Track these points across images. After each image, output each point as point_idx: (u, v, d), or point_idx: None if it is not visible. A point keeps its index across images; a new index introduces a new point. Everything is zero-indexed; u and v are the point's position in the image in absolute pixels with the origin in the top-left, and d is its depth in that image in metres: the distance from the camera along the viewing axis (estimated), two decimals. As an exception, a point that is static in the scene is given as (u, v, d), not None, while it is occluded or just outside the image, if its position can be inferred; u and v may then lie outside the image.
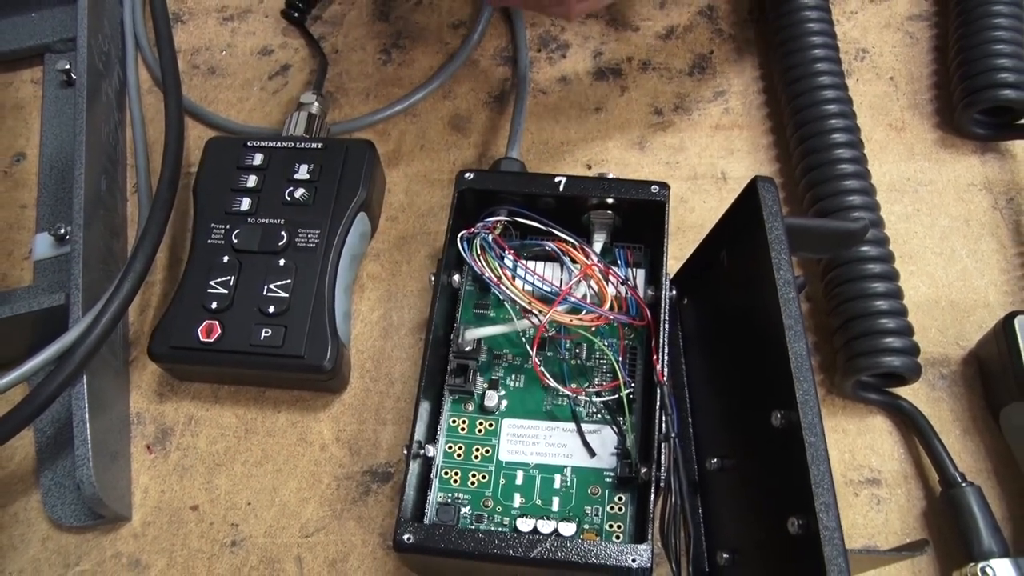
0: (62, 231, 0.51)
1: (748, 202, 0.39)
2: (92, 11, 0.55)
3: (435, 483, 0.41)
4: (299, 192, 0.49)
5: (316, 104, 0.54)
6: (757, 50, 0.57)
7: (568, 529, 0.39)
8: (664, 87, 0.57)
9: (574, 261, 0.44)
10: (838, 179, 0.47)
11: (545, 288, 0.44)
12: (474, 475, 0.42)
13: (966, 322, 0.47)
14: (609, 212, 0.45)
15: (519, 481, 0.41)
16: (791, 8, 0.53)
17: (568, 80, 0.57)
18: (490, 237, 0.44)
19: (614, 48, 0.58)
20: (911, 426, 0.44)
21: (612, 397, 0.43)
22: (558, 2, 0.44)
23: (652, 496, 0.38)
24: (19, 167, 0.56)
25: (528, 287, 0.44)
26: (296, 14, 0.61)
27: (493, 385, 0.44)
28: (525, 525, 0.40)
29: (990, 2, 0.51)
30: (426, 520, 0.40)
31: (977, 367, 0.46)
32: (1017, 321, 0.43)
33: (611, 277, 0.44)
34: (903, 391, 0.45)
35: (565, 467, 0.42)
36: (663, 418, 0.39)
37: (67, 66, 0.57)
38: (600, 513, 0.40)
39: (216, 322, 0.45)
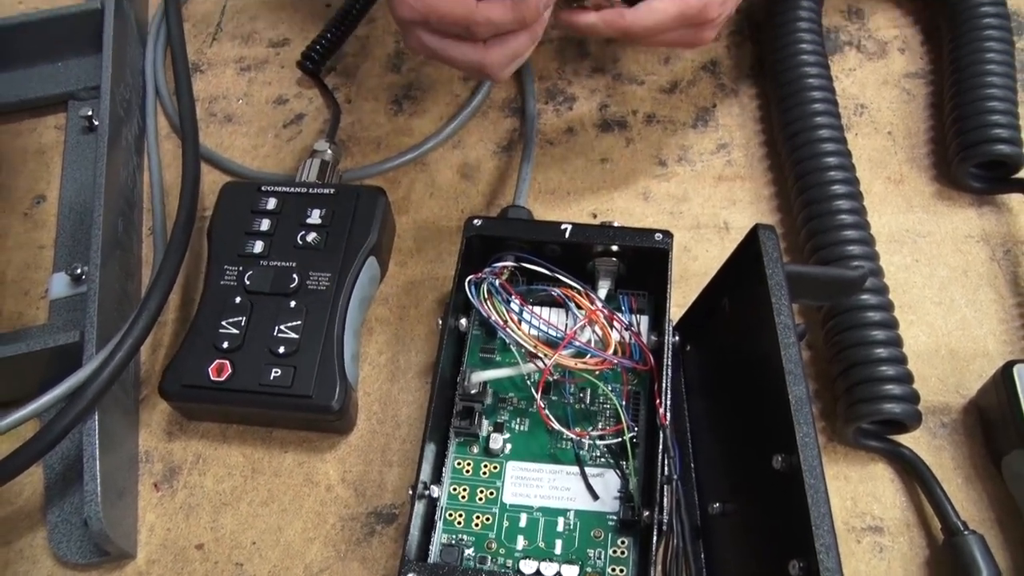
0: (78, 271, 0.52)
1: (749, 249, 0.39)
2: (115, 61, 0.57)
3: (439, 524, 0.42)
4: (311, 236, 0.50)
5: (329, 152, 0.56)
6: (759, 104, 0.59)
7: (571, 572, 0.40)
8: (668, 139, 0.58)
9: (579, 307, 0.45)
10: (838, 229, 0.48)
11: (550, 332, 0.45)
12: (478, 517, 0.42)
13: (966, 371, 0.48)
14: (614, 259, 0.46)
15: (523, 523, 0.42)
16: (791, 64, 0.55)
17: (575, 131, 0.59)
18: (497, 282, 0.45)
19: (619, 101, 0.60)
20: (913, 474, 0.45)
21: (615, 441, 0.43)
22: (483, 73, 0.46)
23: (654, 540, 0.38)
24: (39, 209, 0.58)
25: (534, 331, 0.45)
26: (311, 65, 0.63)
27: (498, 428, 0.44)
28: (528, 567, 0.40)
29: (983, 61, 0.53)
30: (430, 561, 0.41)
31: (978, 416, 0.46)
32: (1016, 370, 0.43)
33: (615, 323, 0.44)
34: (904, 439, 0.45)
35: (568, 510, 0.42)
36: (665, 461, 0.39)
37: (89, 112, 0.59)
38: (603, 556, 0.41)
39: (227, 361, 0.46)
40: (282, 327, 0.47)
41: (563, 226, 0.46)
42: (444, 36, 0.44)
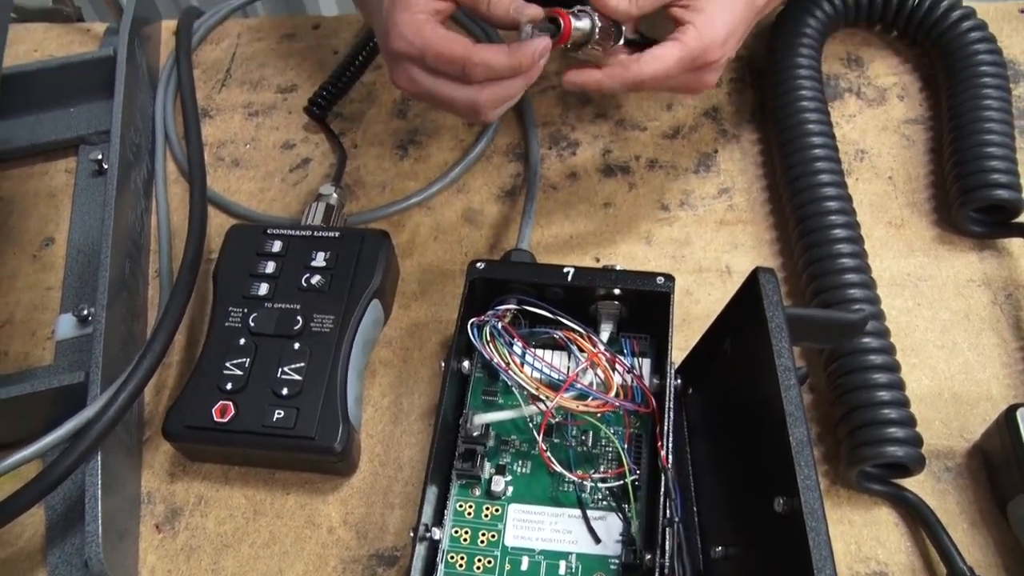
0: (85, 312, 0.52)
1: (750, 292, 0.40)
2: (126, 106, 0.58)
3: (441, 567, 0.41)
4: (315, 279, 0.50)
5: (334, 195, 0.56)
6: (760, 149, 0.60)
7: (573, 616, 0.39)
8: (670, 184, 0.59)
9: (581, 350, 0.45)
10: (839, 272, 0.48)
11: (553, 375, 0.45)
12: (480, 560, 0.42)
13: (970, 415, 0.48)
14: (616, 303, 0.47)
15: (524, 566, 0.41)
16: (792, 110, 0.56)
17: (578, 176, 0.60)
18: (500, 325, 0.45)
19: (622, 146, 0.61)
20: (917, 518, 0.44)
21: (617, 484, 0.43)
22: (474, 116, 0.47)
23: (657, 583, 0.38)
24: (47, 251, 0.58)
25: (536, 374, 0.45)
26: (318, 111, 0.64)
27: (500, 470, 0.44)
28: (530, 612, 0.40)
29: (982, 108, 0.53)
30: (431, 604, 0.40)
31: (982, 460, 0.46)
32: (1020, 413, 0.43)
33: (617, 366, 0.44)
34: (908, 483, 0.45)
35: (570, 553, 0.42)
36: (667, 504, 0.39)
37: (99, 156, 0.60)
38: (605, 601, 0.40)
39: (230, 403, 0.46)
40: (286, 369, 0.47)
41: (565, 269, 0.46)
42: (436, 75, 0.45)
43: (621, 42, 0.47)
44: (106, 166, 0.57)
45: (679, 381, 0.45)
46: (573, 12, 0.45)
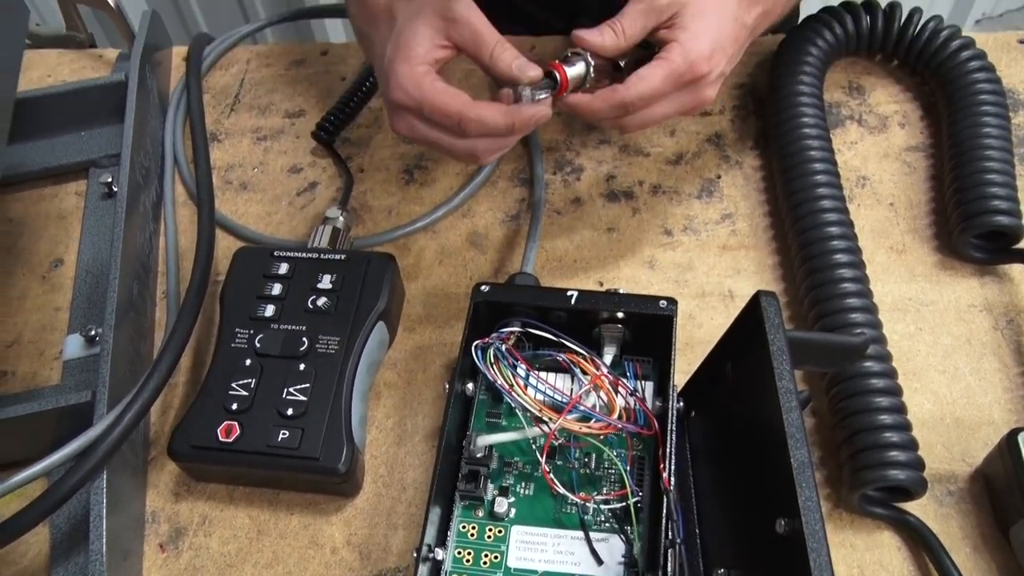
0: (93, 332, 0.53)
1: (752, 315, 0.40)
2: (136, 130, 0.59)
3: (443, 588, 0.42)
4: (321, 300, 0.51)
5: (341, 219, 0.57)
6: (762, 175, 0.60)
7: (575, 638, 0.39)
8: (674, 209, 0.59)
9: (584, 372, 0.46)
10: (841, 297, 0.49)
11: (556, 397, 0.45)
12: (482, 581, 0.42)
13: (971, 439, 0.48)
14: (619, 326, 0.47)
15: (527, 588, 0.42)
16: (794, 137, 0.56)
17: (582, 201, 0.60)
18: (504, 347, 0.46)
19: (626, 172, 0.61)
20: (920, 542, 0.44)
21: (620, 505, 0.43)
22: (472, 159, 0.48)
23: (659, 605, 0.38)
24: (57, 272, 0.59)
25: (540, 396, 0.45)
26: (326, 135, 0.65)
27: (503, 492, 0.45)
28: (532, 633, 0.40)
29: (982, 135, 0.54)
30: (433, 626, 0.40)
31: (984, 484, 0.46)
32: (1021, 438, 0.43)
33: (620, 388, 0.45)
34: (911, 506, 0.45)
35: (573, 575, 0.42)
36: (669, 525, 0.39)
37: (109, 179, 0.61)
38: (607, 623, 0.40)
39: (235, 423, 0.46)
40: (291, 389, 0.47)
41: (569, 293, 0.47)
42: (433, 125, 0.46)
43: (623, 73, 0.47)
44: (116, 189, 0.58)
45: (681, 404, 0.45)
46: (567, 58, 0.47)
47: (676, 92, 0.47)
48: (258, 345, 0.49)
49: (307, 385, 0.48)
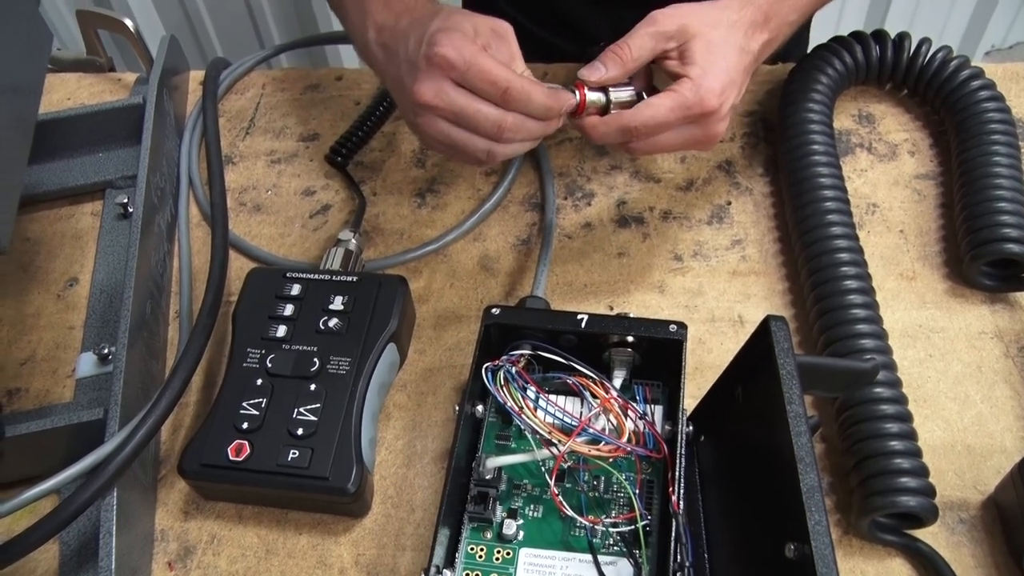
0: (106, 351, 0.53)
1: (761, 340, 0.40)
2: (153, 152, 0.60)
3: (451, 610, 0.41)
4: (333, 322, 0.51)
5: (353, 241, 0.57)
6: (772, 202, 0.61)
7: (583, 663, 0.39)
8: (684, 235, 0.60)
9: (594, 395, 0.46)
10: (850, 323, 0.49)
11: (566, 420, 0.45)
12: (490, 604, 0.42)
13: (983, 467, 0.48)
14: (629, 350, 0.47)
15: (534, 612, 0.41)
16: (804, 164, 0.57)
17: (593, 226, 0.61)
18: (514, 370, 0.46)
19: (637, 197, 0.62)
20: (931, 570, 0.44)
21: (628, 528, 0.43)
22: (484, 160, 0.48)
23: (667, 630, 0.37)
24: (71, 291, 0.60)
25: (549, 418, 0.45)
26: (339, 159, 0.65)
27: (512, 514, 0.45)
28: (539, 657, 0.39)
29: (991, 164, 0.54)
30: (440, 648, 0.40)
31: (997, 512, 0.46)
32: (1032, 466, 0.43)
33: (630, 412, 0.45)
34: (922, 534, 0.44)
35: (581, 599, 0.42)
36: (678, 549, 0.39)
37: (125, 200, 0.62)
38: (615, 648, 0.40)
39: (246, 442, 0.47)
40: (301, 409, 0.48)
41: (579, 316, 0.47)
42: (467, 93, 0.46)
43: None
44: (131, 209, 0.58)
45: (691, 428, 0.45)
46: (586, 83, 0.49)
47: (685, 125, 0.48)
48: (269, 365, 0.50)
49: (318, 405, 0.48)
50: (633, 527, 0.43)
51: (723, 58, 0.48)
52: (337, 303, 0.52)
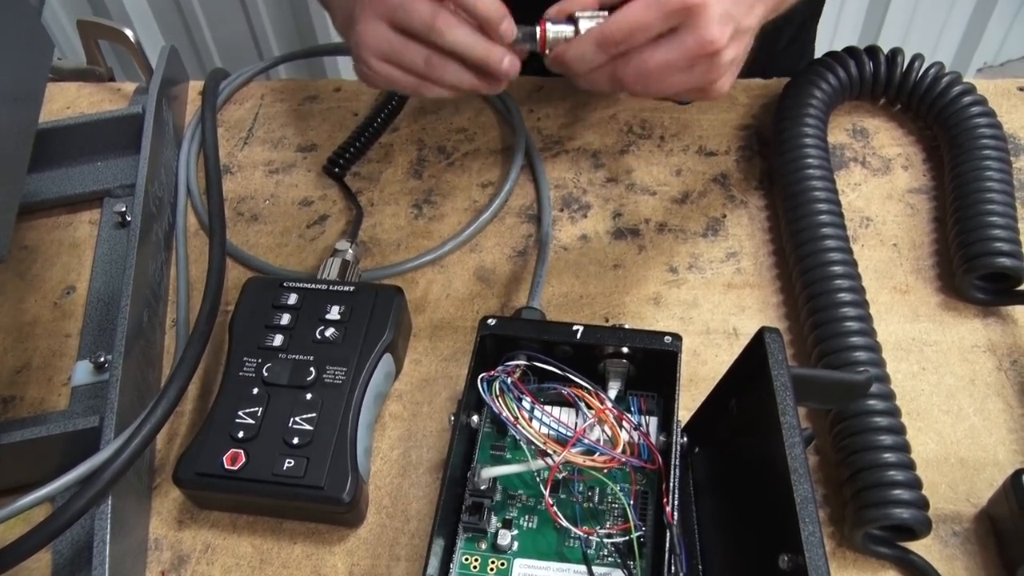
0: (102, 359, 0.53)
1: (756, 351, 0.40)
2: (152, 161, 0.60)
3: (445, 620, 0.41)
4: (329, 331, 0.51)
5: (350, 251, 0.58)
6: (767, 215, 0.61)
7: (576, 673, 0.39)
8: (679, 247, 0.60)
9: (589, 406, 0.46)
10: (844, 335, 0.49)
11: (561, 430, 0.45)
12: (484, 614, 0.42)
13: (976, 479, 0.48)
14: (624, 361, 0.47)
15: (529, 622, 0.41)
16: (799, 178, 0.57)
17: (588, 238, 0.61)
18: (509, 380, 0.46)
19: (632, 210, 0.62)
20: (924, 583, 0.44)
21: (623, 539, 0.43)
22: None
23: (661, 641, 0.38)
24: (68, 299, 0.60)
25: (544, 429, 0.45)
26: (337, 169, 0.66)
27: (507, 524, 0.45)
28: (533, 667, 0.39)
29: (983, 179, 0.55)
30: (434, 658, 0.40)
31: (990, 525, 0.46)
32: (1025, 478, 0.43)
33: (624, 423, 0.45)
34: (915, 546, 0.45)
35: (575, 609, 0.42)
36: (672, 560, 0.39)
37: (123, 209, 0.62)
38: (609, 659, 0.40)
39: (241, 451, 0.47)
40: (297, 419, 0.48)
41: (575, 327, 0.47)
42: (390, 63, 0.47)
43: None
44: (130, 218, 0.59)
45: (685, 439, 0.46)
46: (549, 19, 0.47)
47: (675, 39, 0.45)
48: (266, 374, 0.50)
49: (313, 415, 0.48)
50: (627, 538, 0.43)
51: None
52: (334, 313, 0.52)
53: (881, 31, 1.63)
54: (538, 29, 0.47)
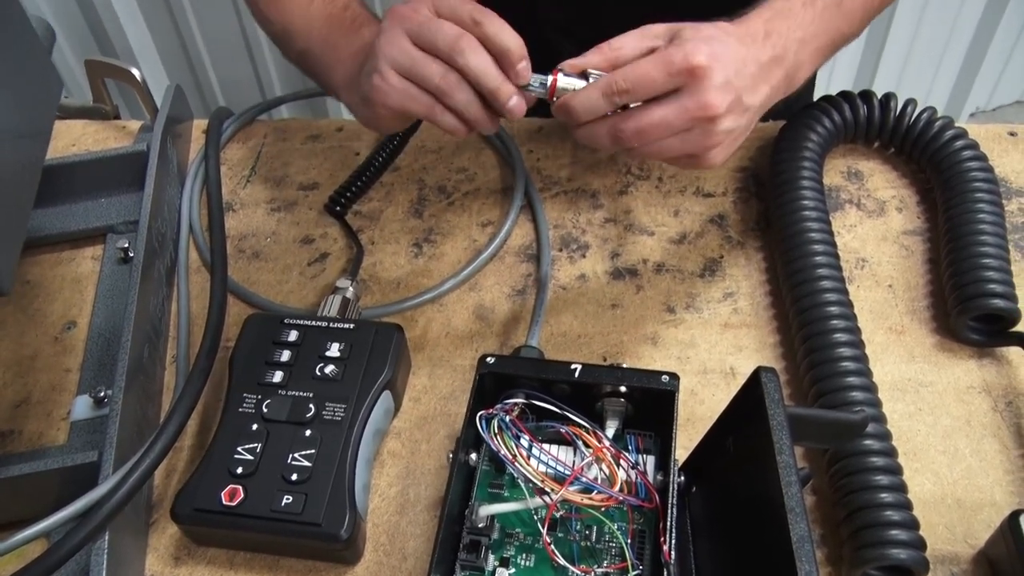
0: (102, 394, 0.54)
1: (752, 391, 0.41)
2: (155, 198, 0.61)
3: (441, 660, 0.41)
4: (329, 368, 0.51)
5: (351, 289, 0.58)
6: (764, 256, 0.62)
7: None
8: (677, 287, 0.60)
9: (587, 445, 0.46)
10: (841, 375, 0.49)
11: (559, 468, 0.46)
12: (481, 653, 0.41)
13: (973, 520, 0.48)
14: (622, 400, 0.48)
15: (525, 662, 0.41)
16: (795, 219, 0.58)
17: (587, 278, 0.62)
18: (508, 418, 0.46)
19: (630, 250, 0.63)
20: (923, 625, 0.44)
21: (620, 579, 0.43)
22: None
23: None
24: (69, 334, 0.60)
25: (542, 467, 0.46)
26: (338, 208, 0.66)
27: (504, 563, 0.44)
28: None
29: (977, 221, 0.56)
30: None
31: (988, 567, 0.46)
32: (1023, 519, 0.43)
33: (622, 461, 0.45)
34: (912, 588, 0.45)
35: (572, 649, 0.41)
36: (670, 599, 0.39)
37: (126, 245, 0.63)
38: None
39: (240, 487, 0.47)
40: (296, 455, 0.48)
41: (573, 366, 0.47)
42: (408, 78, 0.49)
43: None
44: (132, 254, 0.59)
45: (683, 478, 0.46)
46: (563, 70, 0.48)
47: (677, 100, 0.46)
48: (265, 410, 0.50)
49: (312, 451, 0.48)
50: (625, 577, 0.43)
51: (716, 40, 0.46)
52: (334, 350, 0.52)
53: (875, 76, 1.65)
54: (550, 77, 0.48)
